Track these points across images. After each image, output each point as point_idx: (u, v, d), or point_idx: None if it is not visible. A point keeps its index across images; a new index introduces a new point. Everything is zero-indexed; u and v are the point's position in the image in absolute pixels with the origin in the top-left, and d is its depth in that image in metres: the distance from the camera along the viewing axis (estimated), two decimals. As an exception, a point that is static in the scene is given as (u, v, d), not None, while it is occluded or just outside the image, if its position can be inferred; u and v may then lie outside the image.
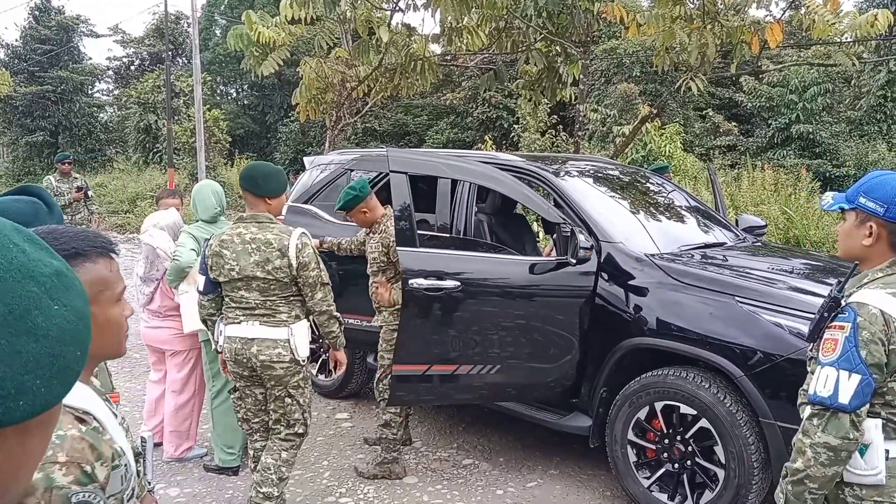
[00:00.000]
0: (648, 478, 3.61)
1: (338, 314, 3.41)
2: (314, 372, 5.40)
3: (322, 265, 3.31)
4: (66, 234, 1.25)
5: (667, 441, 3.53)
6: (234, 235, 3.24)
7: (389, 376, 3.92)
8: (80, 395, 1.20)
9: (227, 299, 3.31)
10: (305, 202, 5.24)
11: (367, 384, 5.09)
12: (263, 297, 3.23)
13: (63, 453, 1.09)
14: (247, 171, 3.35)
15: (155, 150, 25.06)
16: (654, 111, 9.70)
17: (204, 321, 3.49)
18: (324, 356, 5.33)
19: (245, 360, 3.25)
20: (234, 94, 35.59)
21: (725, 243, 4.56)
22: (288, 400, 3.28)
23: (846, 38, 8.07)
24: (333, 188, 5.19)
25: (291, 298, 3.27)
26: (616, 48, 18.89)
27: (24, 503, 1.02)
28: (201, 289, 3.37)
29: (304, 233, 3.26)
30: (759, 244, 4.90)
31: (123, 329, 1.33)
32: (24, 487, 0.79)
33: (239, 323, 3.26)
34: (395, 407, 3.99)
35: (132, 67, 35.27)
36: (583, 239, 3.68)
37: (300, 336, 3.27)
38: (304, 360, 3.30)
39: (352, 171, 5.09)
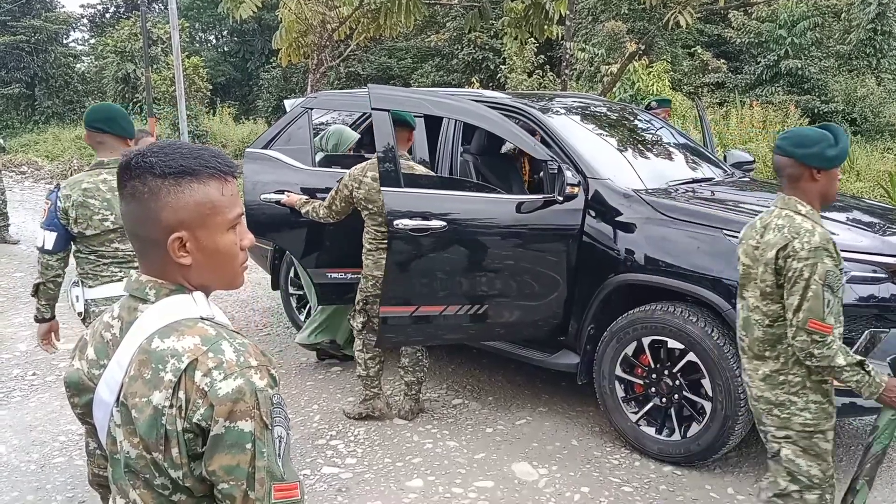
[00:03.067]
0: (636, 412, 3.64)
1: None
2: (302, 318, 5.39)
3: None
4: (180, 150, 1.16)
5: (654, 376, 3.55)
6: (99, 182, 2.92)
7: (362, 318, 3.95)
8: (221, 316, 1.21)
9: (92, 256, 2.97)
10: (264, 147, 5.09)
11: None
12: None
13: (252, 357, 1.12)
14: (104, 111, 3.02)
15: (135, 100, 24.55)
16: (642, 48, 9.53)
17: (43, 287, 3.06)
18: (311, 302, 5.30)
19: None
20: (214, 41, 34.82)
21: (713, 178, 4.52)
22: None
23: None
24: (293, 130, 5.05)
25: None
26: (603, -15, 18.49)
27: (235, 408, 1.06)
28: (50, 247, 2.95)
29: None
30: (748, 179, 4.86)
31: (237, 259, 1.22)
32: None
33: (120, 280, 2.96)
34: (371, 347, 3.95)
35: (107, 15, 34.32)
36: (570, 175, 3.62)
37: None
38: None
39: (311, 109, 4.95)
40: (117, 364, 1.15)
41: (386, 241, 3.73)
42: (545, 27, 9.62)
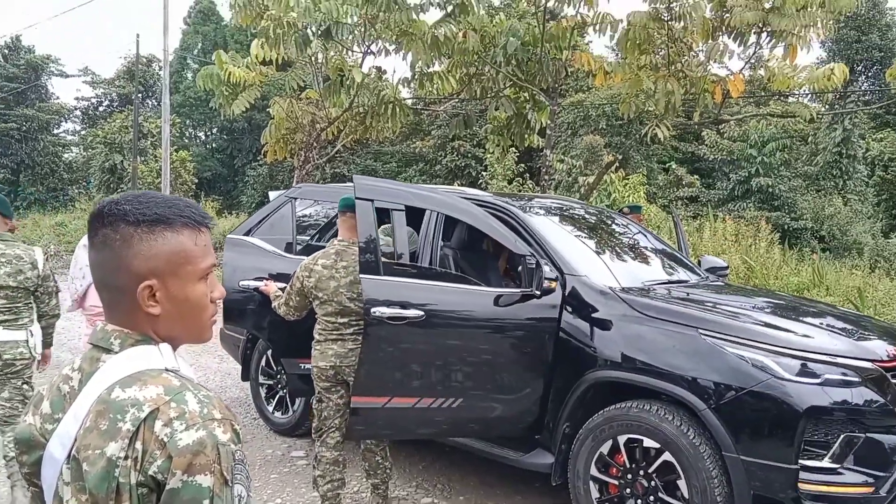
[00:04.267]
0: (611, 516, 3.52)
1: (58, 311, 4.05)
2: (270, 409, 5.26)
3: (55, 276, 4.02)
4: (154, 199, 1.15)
5: (630, 476, 3.46)
6: None
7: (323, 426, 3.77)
8: (187, 369, 1.18)
9: None
10: (246, 234, 5.13)
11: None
12: (10, 304, 3.73)
13: (217, 410, 1.07)
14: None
15: (119, 189, 24.76)
16: (619, 157, 9.88)
17: None
18: (281, 393, 5.19)
19: None
20: (203, 137, 35.58)
21: (689, 281, 4.59)
22: (25, 387, 3.84)
23: (804, 91, 8.35)
24: (276, 219, 5.11)
25: (30, 304, 3.86)
26: (583, 101, 19.35)
27: (195, 461, 1.01)
28: None
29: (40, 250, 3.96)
30: (722, 283, 4.94)
31: (207, 311, 1.19)
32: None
33: None
34: (324, 465, 3.74)
35: (100, 108, 35.12)
36: (548, 270, 3.66)
37: (37, 336, 3.89)
38: (38, 355, 3.91)
39: (295, 199, 5.05)
40: (73, 417, 1.09)
41: (336, 333, 3.70)
42: (526, 136, 9.97)
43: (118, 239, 1.12)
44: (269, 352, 5.17)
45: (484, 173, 19.31)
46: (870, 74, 26.27)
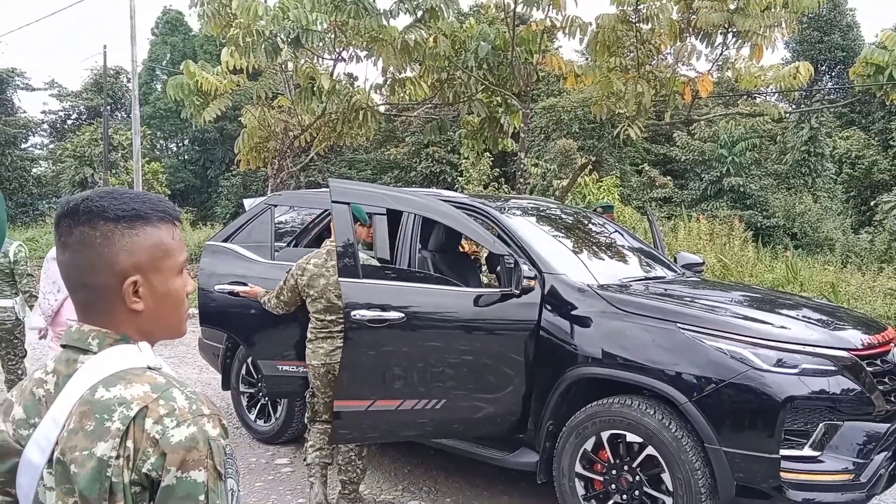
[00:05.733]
0: (597, 511, 3.53)
1: (35, 293, 5.05)
2: (252, 417, 5.21)
3: (28, 263, 5.16)
4: (128, 194, 1.15)
5: (614, 472, 3.48)
6: None
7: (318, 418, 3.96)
8: (167, 367, 1.18)
9: None
10: (225, 241, 5.13)
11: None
12: None
13: (205, 406, 1.08)
14: None
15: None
16: (592, 159, 9.97)
17: None
18: (263, 401, 5.14)
19: None
20: (175, 149, 35.24)
21: (665, 277, 4.63)
22: (15, 341, 5.20)
23: (771, 90, 8.50)
24: (255, 225, 5.10)
25: (11, 282, 5.09)
26: (555, 105, 19.49)
27: (188, 457, 1.01)
28: None
29: (20, 244, 5.17)
30: (698, 279, 4.99)
31: (184, 305, 1.20)
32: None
33: None
34: (315, 466, 3.90)
35: (68, 121, 34.61)
36: (526, 269, 3.67)
37: (20, 304, 5.17)
38: (22, 319, 5.20)
39: (275, 206, 5.06)
40: (52, 420, 1.07)
41: (325, 331, 3.88)
42: (499, 139, 10.02)
43: (98, 236, 1.11)
44: (250, 360, 5.13)
45: (459, 178, 19.34)
46: (833, 74, 26.82)
